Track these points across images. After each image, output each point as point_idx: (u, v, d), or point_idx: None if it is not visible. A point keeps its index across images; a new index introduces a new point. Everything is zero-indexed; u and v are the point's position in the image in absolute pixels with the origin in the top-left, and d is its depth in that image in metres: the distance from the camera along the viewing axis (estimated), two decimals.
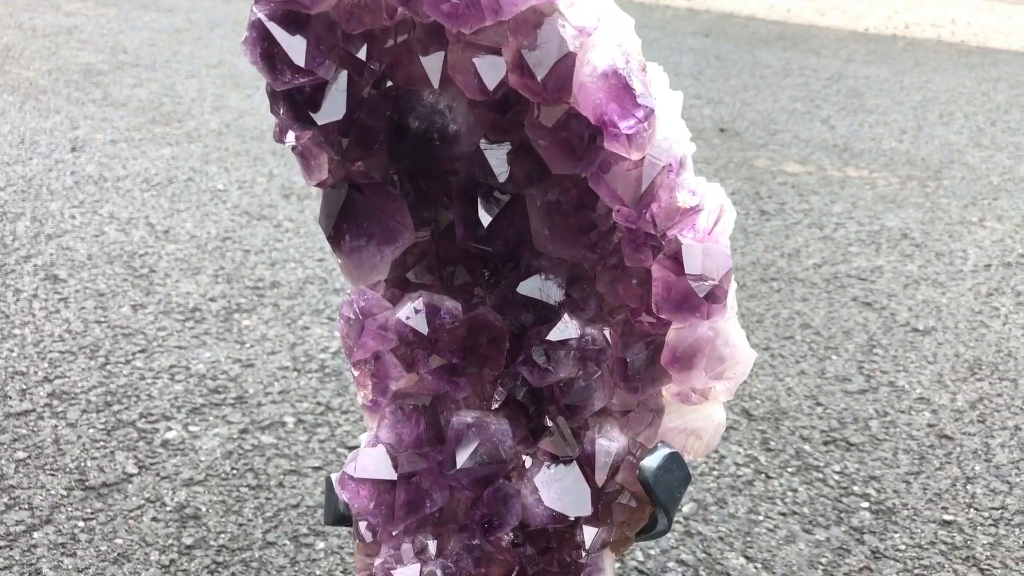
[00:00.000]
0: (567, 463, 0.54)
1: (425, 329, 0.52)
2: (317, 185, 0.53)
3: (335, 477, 0.56)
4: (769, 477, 0.98)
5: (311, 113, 0.49)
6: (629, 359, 0.55)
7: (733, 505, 0.94)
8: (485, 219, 0.51)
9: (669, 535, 0.88)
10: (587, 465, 0.54)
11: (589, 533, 0.55)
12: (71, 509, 0.87)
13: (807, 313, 1.37)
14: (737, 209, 1.81)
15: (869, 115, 2.57)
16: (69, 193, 1.67)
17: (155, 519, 0.87)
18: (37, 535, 0.84)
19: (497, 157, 0.51)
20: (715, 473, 0.99)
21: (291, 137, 0.51)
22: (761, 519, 0.92)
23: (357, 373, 0.55)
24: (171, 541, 0.84)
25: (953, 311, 1.40)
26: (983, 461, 1.03)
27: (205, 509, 0.88)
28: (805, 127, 2.41)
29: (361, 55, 0.49)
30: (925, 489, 0.98)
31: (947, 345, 1.30)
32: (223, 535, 0.85)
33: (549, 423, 0.54)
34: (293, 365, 1.15)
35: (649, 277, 0.53)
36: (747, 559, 0.86)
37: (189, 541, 0.84)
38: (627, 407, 0.56)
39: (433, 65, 0.49)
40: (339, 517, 0.56)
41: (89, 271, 1.37)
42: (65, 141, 1.96)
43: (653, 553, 0.86)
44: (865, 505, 0.95)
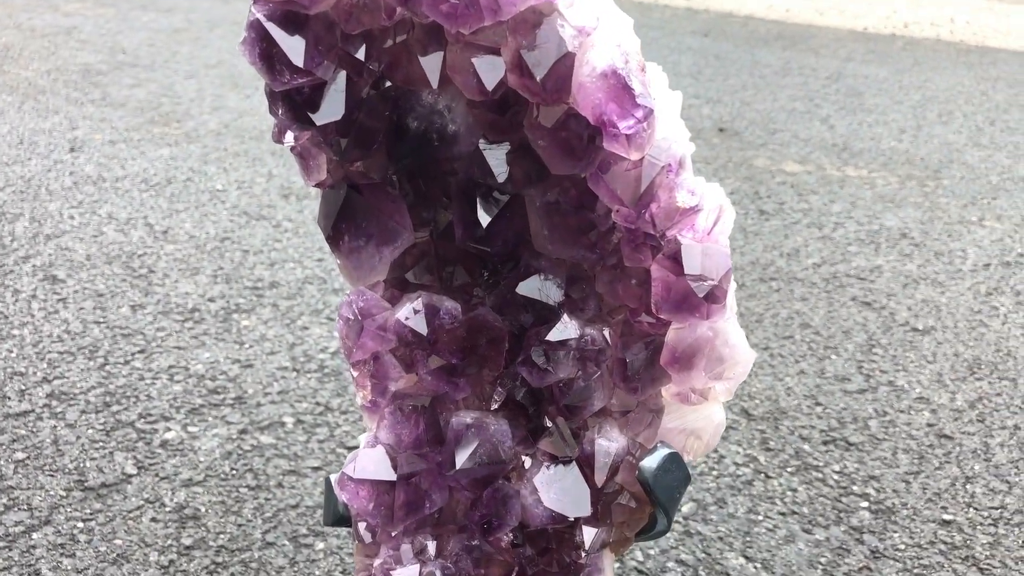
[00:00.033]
0: (566, 463, 0.54)
1: (424, 330, 0.52)
2: (316, 185, 0.53)
3: (334, 478, 0.56)
4: (768, 477, 0.98)
5: (310, 113, 0.49)
6: (628, 359, 0.55)
7: (732, 505, 0.94)
8: (484, 219, 0.51)
9: (668, 535, 0.88)
10: (587, 465, 0.54)
11: (589, 533, 0.55)
12: (70, 510, 0.87)
13: (806, 313, 1.37)
14: (736, 209, 1.81)
15: (868, 114, 2.57)
16: (68, 193, 1.67)
17: (154, 520, 0.87)
18: (36, 536, 0.84)
19: (496, 157, 0.50)
20: (714, 473, 0.99)
21: (290, 137, 0.51)
22: (760, 519, 0.92)
23: (356, 374, 0.55)
24: (170, 542, 0.84)
25: (952, 310, 1.40)
26: (982, 460, 1.03)
27: (204, 510, 0.88)
28: (804, 126, 2.41)
29: (360, 55, 0.49)
30: (924, 489, 0.98)
31: (946, 344, 1.30)
32: (222, 536, 0.85)
33: (548, 423, 0.54)
34: (292, 365, 1.15)
35: (648, 277, 0.53)
36: (746, 559, 0.86)
37: (188, 542, 0.84)
38: (627, 407, 0.56)
39: (432, 65, 0.49)
40: (338, 518, 0.56)
41: (88, 271, 1.37)
42: (64, 141, 1.96)
43: (652, 553, 0.86)
44: (864, 505, 0.95)
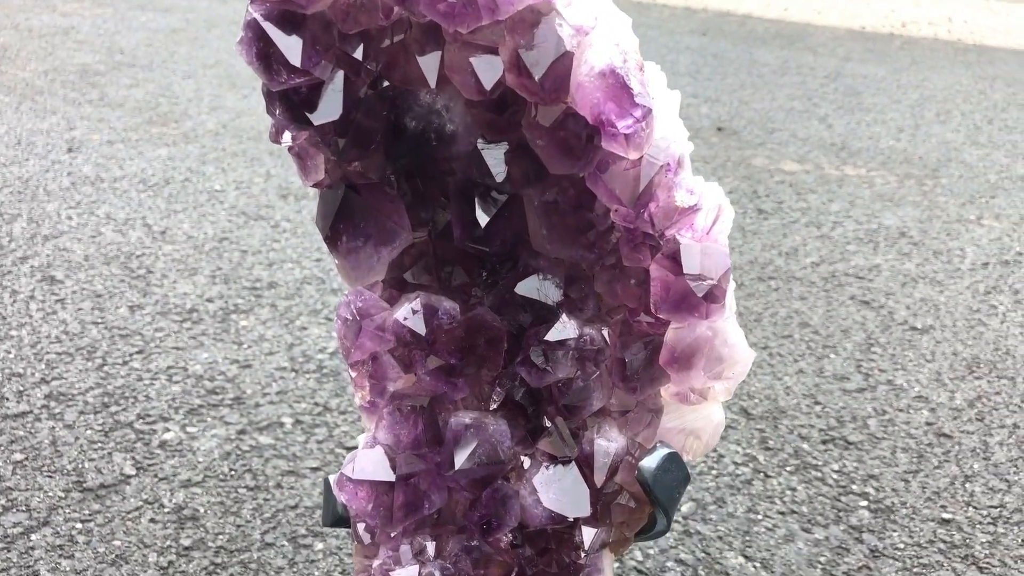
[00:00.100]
0: (566, 464, 0.54)
1: (423, 330, 0.52)
2: (314, 186, 0.53)
3: (333, 478, 0.55)
4: (768, 476, 0.98)
5: (307, 113, 0.49)
6: (628, 359, 0.54)
7: (732, 504, 0.94)
8: (483, 219, 0.51)
9: (668, 535, 0.88)
10: (586, 466, 0.54)
11: (588, 534, 0.55)
12: (69, 511, 0.87)
13: (805, 312, 1.37)
14: (735, 208, 1.81)
15: (867, 113, 2.57)
16: (66, 194, 1.67)
17: (153, 520, 0.86)
18: (35, 537, 0.83)
19: (494, 157, 0.50)
20: (714, 472, 0.99)
21: (287, 137, 0.51)
22: (760, 518, 0.92)
23: (355, 374, 0.55)
24: (169, 542, 0.84)
25: (951, 309, 1.40)
26: (981, 459, 1.03)
27: (203, 510, 0.88)
28: (803, 126, 2.41)
29: (357, 55, 0.49)
30: (924, 487, 0.98)
31: (945, 343, 1.29)
32: (221, 536, 0.85)
33: (548, 423, 0.54)
34: (291, 366, 1.14)
35: (647, 277, 0.53)
36: (746, 558, 0.86)
37: (187, 542, 0.84)
38: (626, 407, 0.56)
39: (430, 65, 0.49)
40: (337, 518, 0.56)
41: (86, 272, 1.36)
42: (62, 142, 1.96)
43: (652, 553, 0.86)
44: (864, 504, 0.95)
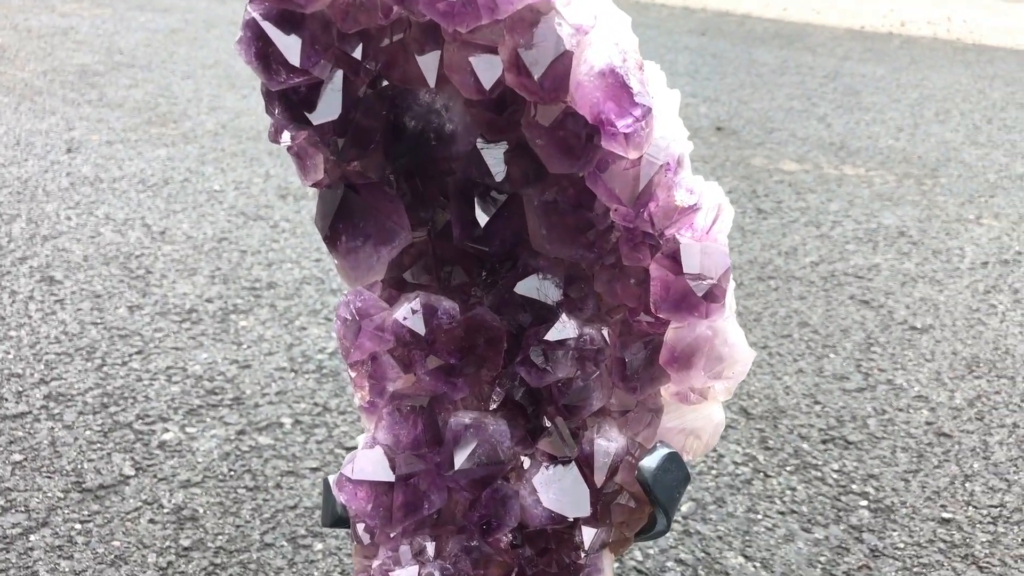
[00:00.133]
0: (566, 464, 0.54)
1: (422, 330, 0.52)
2: (313, 185, 0.53)
3: (332, 479, 0.55)
4: (768, 476, 0.98)
5: (306, 113, 0.49)
6: (627, 359, 0.54)
7: (732, 504, 0.93)
8: (482, 219, 0.51)
9: (668, 535, 0.88)
10: (586, 465, 0.54)
11: (588, 534, 0.55)
12: (68, 511, 0.87)
13: (805, 311, 1.37)
14: (734, 208, 1.81)
15: (866, 113, 2.57)
16: (65, 194, 1.67)
17: (152, 521, 0.86)
18: (34, 538, 0.83)
19: (494, 157, 0.50)
20: (713, 472, 0.98)
21: (287, 137, 0.51)
22: (760, 518, 0.92)
23: (354, 374, 0.55)
24: (168, 543, 0.84)
25: (951, 309, 1.40)
26: (981, 459, 1.03)
27: (203, 511, 0.88)
28: (802, 125, 2.41)
29: (357, 54, 0.49)
30: (924, 487, 0.98)
31: (945, 343, 1.29)
32: (221, 537, 0.85)
33: (547, 423, 0.54)
34: (290, 366, 1.14)
35: (647, 276, 0.53)
36: (746, 558, 0.86)
37: (187, 543, 0.84)
38: (626, 407, 0.56)
39: (429, 64, 0.49)
40: (337, 519, 0.56)
41: (85, 272, 1.36)
42: (61, 142, 1.96)
43: (652, 553, 0.86)
44: (864, 503, 0.95)
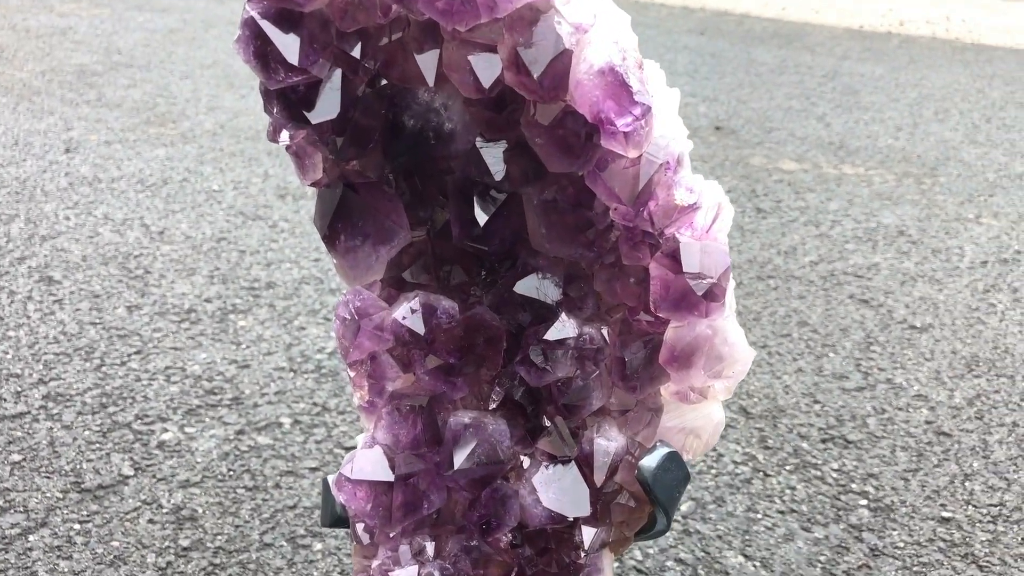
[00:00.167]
0: (565, 463, 0.54)
1: (422, 329, 0.51)
2: (312, 185, 0.53)
3: (332, 478, 0.55)
4: (767, 475, 0.98)
5: (305, 112, 0.49)
6: (627, 358, 0.54)
7: (731, 503, 0.93)
8: (481, 218, 0.51)
9: (668, 534, 0.88)
10: (585, 465, 0.54)
11: (588, 533, 0.55)
12: (67, 512, 0.87)
13: (804, 311, 1.37)
14: (733, 207, 1.81)
15: (864, 112, 2.57)
16: (63, 194, 1.67)
17: (151, 521, 0.86)
18: (33, 538, 0.83)
19: (493, 155, 0.50)
20: (713, 471, 0.98)
21: (285, 136, 0.51)
22: (759, 517, 0.92)
23: (353, 374, 0.55)
24: (168, 543, 0.84)
25: (950, 308, 1.40)
26: (981, 458, 1.03)
27: (202, 511, 0.88)
28: (801, 125, 2.41)
29: (355, 53, 0.48)
30: (923, 486, 0.98)
31: (944, 342, 1.29)
32: (220, 537, 0.85)
33: (547, 423, 0.54)
34: (289, 366, 1.14)
35: (647, 275, 0.53)
36: (746, 557, 0.86)
37: (186, 543, 0.84)
38: (625, 406, 0.56)
39: (428, 63, 0.49)
40: (336, 519, 0.55)
41: (84, 272, 1.36)
42: (59, 142, 1.95)
43: (652, 552, 0.86)
44: (863, 502, 0.95)
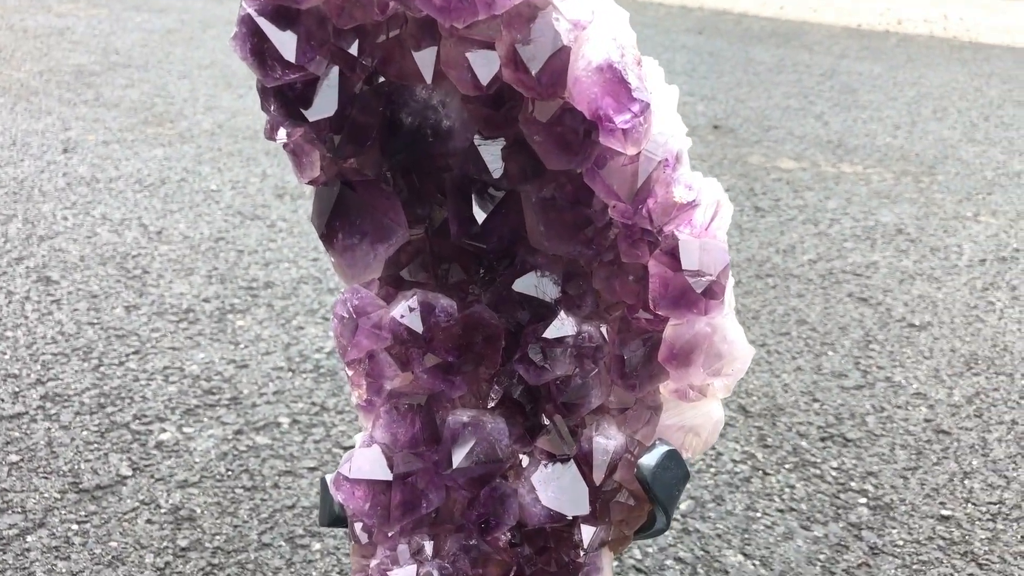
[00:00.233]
0: (564, 462, 0.54)
1: (420, 327, 0.51)
2: (309, 183, 0.53)
3: (330, 478, 0.55)
4: (766, 474, 0.98)
5: (302, 109, 0.49)
6: (626, 356, 0.54)
7: (731, 502, 0.93)
8: (479, 216, 0.50)
9: (667, 533, 0.87)
10: (584, 463, 0.54)
11: (587, 532, 0.54)
12: (65, 512, 0.87)
13: (803, 309, 1.37)
14: (732, 205, 1.80)
15: (863, 111, 2.57)
16: (61, 194, 1.66)
17: (150, 521, 0.86)
18: (31, 539, 0.83)
19: (491, 153, 0.50)
20: (712, 470, 0.98)
21: (282, 134, 0.50)
22: (759, 516, 0.91)
23: (351, 373, 0.55)
24: (166, 543, 0.83)
25: (949, 306, 1.40)
26: (980, 456, 1.03)
27: (200, 511, 0.88)
28: (799, 123, 2.41)
29: (353, 50, 0.48)
30: (923, 484, 0.98)
31: (943, 340, 1.29)
32: (218, 537, 0.85)
33: (546, 421, 0.54)
34: (288, 365, 1.14)
35: (646, 273, 0.53)
36: (745, 556, 0.86)
37: (184, 543, 0.84)
38: (625, 404, 0.55)
39: (426, 60, 0.49)
40: (335, 518, 0.55)
41: (82, 272, 1.36)
42: (57, 142, 1.95)
43: (651, 551, 0.86)
44: (863, 501, 0.95)
